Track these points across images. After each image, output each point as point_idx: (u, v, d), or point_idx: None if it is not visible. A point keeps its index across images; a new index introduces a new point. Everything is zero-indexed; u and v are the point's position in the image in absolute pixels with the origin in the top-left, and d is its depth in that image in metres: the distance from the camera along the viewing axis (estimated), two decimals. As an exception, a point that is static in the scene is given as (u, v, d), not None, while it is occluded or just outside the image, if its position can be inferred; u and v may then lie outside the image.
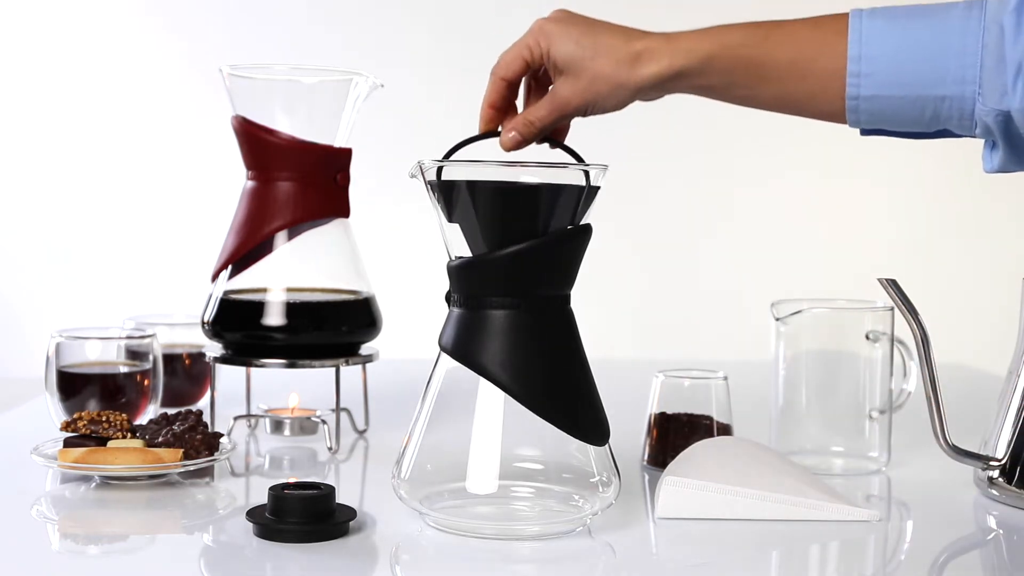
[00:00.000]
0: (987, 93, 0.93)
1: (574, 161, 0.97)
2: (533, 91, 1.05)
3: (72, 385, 1.25)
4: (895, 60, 0.94)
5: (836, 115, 0.98)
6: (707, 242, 3.19)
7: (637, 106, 1.03)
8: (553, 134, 1.04)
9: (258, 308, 1.23)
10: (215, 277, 1.26)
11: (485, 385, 0.94)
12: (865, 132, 1.01)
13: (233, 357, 1.24)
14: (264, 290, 1.24)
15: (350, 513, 0.95)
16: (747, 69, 0.98)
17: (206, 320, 1.25)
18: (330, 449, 1.23)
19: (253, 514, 0.95)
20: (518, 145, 0.96)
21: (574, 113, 0.99)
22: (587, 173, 0.93)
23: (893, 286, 1.06)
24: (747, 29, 0.98)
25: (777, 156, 3.19)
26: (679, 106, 1.09)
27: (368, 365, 1.30)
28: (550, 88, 0.99)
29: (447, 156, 0.95)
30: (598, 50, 0.97)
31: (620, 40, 0.98)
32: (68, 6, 3.09)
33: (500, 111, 1.01)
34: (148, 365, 1.27)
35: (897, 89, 0.95)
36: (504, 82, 1.00)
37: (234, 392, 1.37)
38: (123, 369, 1.27)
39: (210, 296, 1.26)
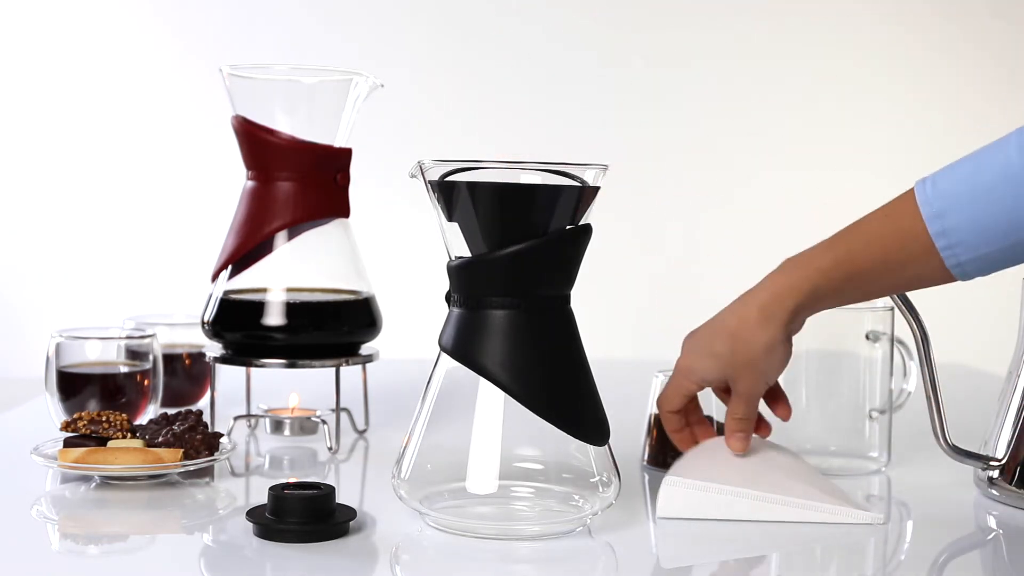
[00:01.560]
0: None
1: (574, 161, 0.97)
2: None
3: (72, 385, 1.25)
4: (979, 223, 0.95)
5: (949, 280, 1.00)
6: (707, 241, 3.20)
7: (634, 104, 1.02)
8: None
9: (258, 308, 1.23)
10: (215, 277, 1.26)
11: (485, 385, 0.94)
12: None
13: (233, 357, 1.24)
14: (264, 290, 1.24)
15: (350, 513, 0.95)
16: (848, 285, 1.01)
17: (206, 320, 1.25)
18: (330, 449, 1.23)
19: (253, 514, 0.95)
20: (747, 442, 1.04)
21: (762, 392, 1.05)
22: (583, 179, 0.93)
23: (893, 286, 1.06)
24: (830, 251, 1.01)
25: (777, 156, 3.19)
26: (678, 105, 1.08)
27: (368, 365, 1.30)
28: (733, 391, 1.05)
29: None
30: (733, 346, 1.02)
31: (735, 321, 1.03)
32: (68, 6, 3.09)
33: (685, 429, 1.09)
34: (148, 365, 1.27)
35: (993, 245, 0.95)
36: (675, 414, 1.07)
37: (234, 392, 1.37)
38: (123, 369, 1.27)
39: (210, 296, 1.26)
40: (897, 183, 1.02)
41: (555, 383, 0.93)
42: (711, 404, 1.17)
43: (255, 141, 1.24)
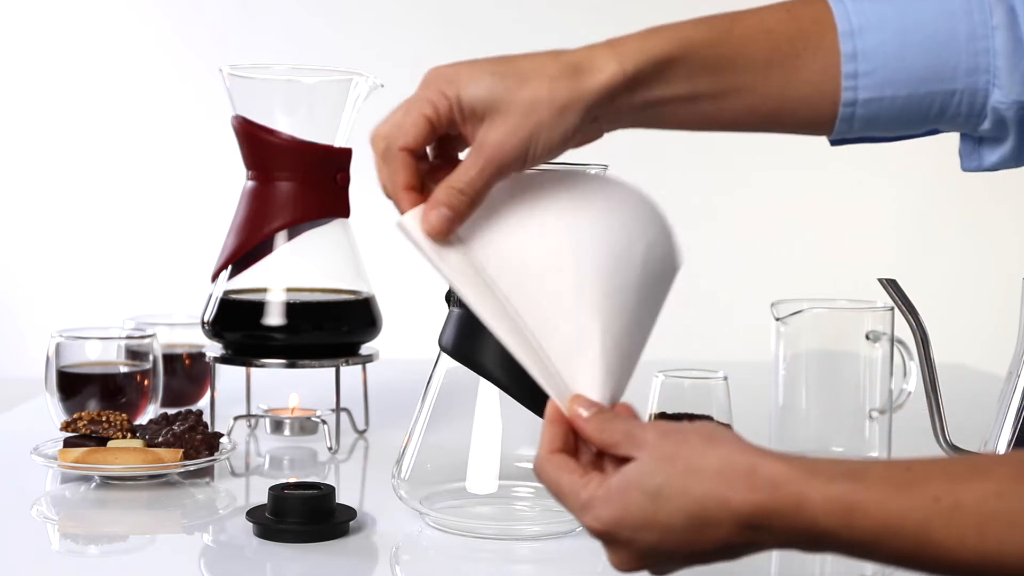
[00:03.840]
0: (1005, 83, 0.78)
1: (574, 161, 0.97)
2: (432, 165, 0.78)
3: (72, 385, 1.25)
4: (898, 53, 0.78)
5: (819, 126, 0.81)
6: (707, 241, 3.20)
7: None
8: None
9: (258, 308, 1.23)
10: (215, 277, 1.26)
11: (485, 385, 0.94)
12: (836, 142, 0.84)
13: (233, 357, 1.24)
14: (264, 290, 1.24)
15: (350, 513, 0.95)
16: (714, 73, 0.77)
17: (206, 320, 1.25)
18: (330, 449, 1.22)
19: (253, 514, 0.95)
20: (451, 225, 0.72)
21: (512, 161, 0.73)
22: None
23: (893, 286, 1.06)
24: (707, 23, 0.78)
25: (775, 155, 3.19)
26: None
27: (368, 365, 1.30)
28: (476, 141, 0.74)
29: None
30: (524, 74, 0.73)
31: (547, 58, 0.75)
32: (68, 6, 3.09)
33: (419, 192, 0.75)
34: (148, 365, 1.27)
35: (902, 88, 0.78)
36: (409, 154, 0.74)
37: (234, 392, 1.37)
38: (123, 369, 1.27)
39: (210, 296, 1.26)
40: (896, 187, 1.02)
41: (555, 383, 0.93)
42: (711, 404, 1.17)
43: (255, 141, 1.24)
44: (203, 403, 1.39)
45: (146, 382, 1.27)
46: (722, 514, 0.64)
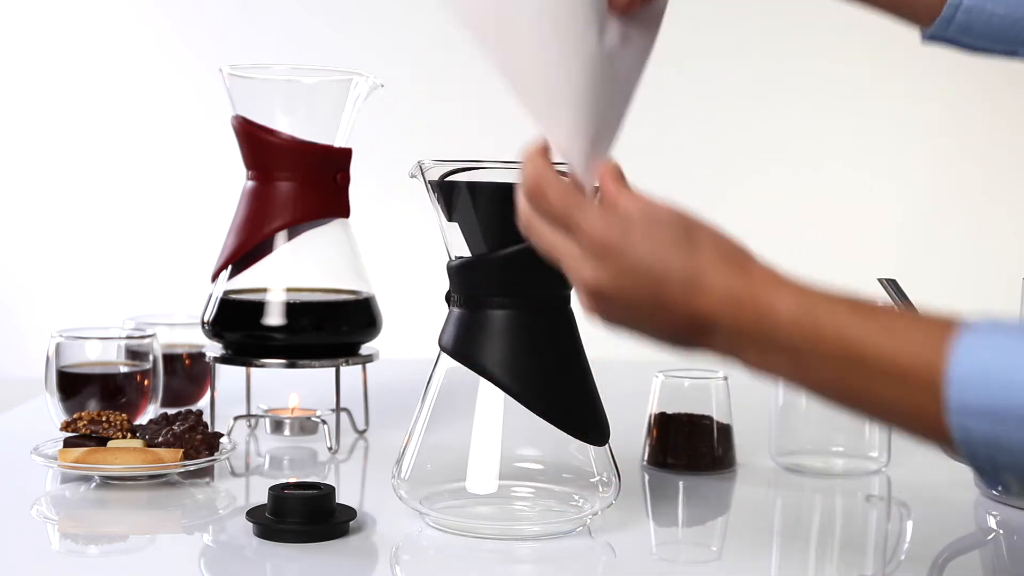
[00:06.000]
0: None
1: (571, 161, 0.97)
2: None
3: (72, 385, 1.25)
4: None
5: (923, 16, 0.92)
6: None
7: (634, 104, 0.98)
8: None
9: (258, 308, 1.23)
10: (215, 277, 1.26)
11: (485, 385, 0.94)
12: (929, 39, 0.94)
13: (233, 357, 1.24)
14: (264, 290, 1.24)
15: (350, 513, 0.95)
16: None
17: (206, 320, 1.25)
18: (330, 449, 1.23)
19: (253, 514, 0.95)
20: None
21: None
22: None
23: (893, 286, 1.06)
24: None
25: (777, 156, 3.19)
26: (677, 101, 1.04)
27: (368, 365, 1.30)
28: None
29: None
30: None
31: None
32: (68, 6, 3.09)
33: None
34: (148, 365, 1.27)
35: (1001, 5, 0.90)
36: None
37: (234, 392, 1.37)
38: (123, 369, 1.27)
39: (210, 296, 1.26)
40: (897, 188, 1.01)
41: (555, 383, 0.93)
42: (711, 404, 1.17)
43: (255, 141, 1.24)
44: (203, 403, 1.39)
45: (146, 382, 1.27)
46: (709, 265, 0.77)
